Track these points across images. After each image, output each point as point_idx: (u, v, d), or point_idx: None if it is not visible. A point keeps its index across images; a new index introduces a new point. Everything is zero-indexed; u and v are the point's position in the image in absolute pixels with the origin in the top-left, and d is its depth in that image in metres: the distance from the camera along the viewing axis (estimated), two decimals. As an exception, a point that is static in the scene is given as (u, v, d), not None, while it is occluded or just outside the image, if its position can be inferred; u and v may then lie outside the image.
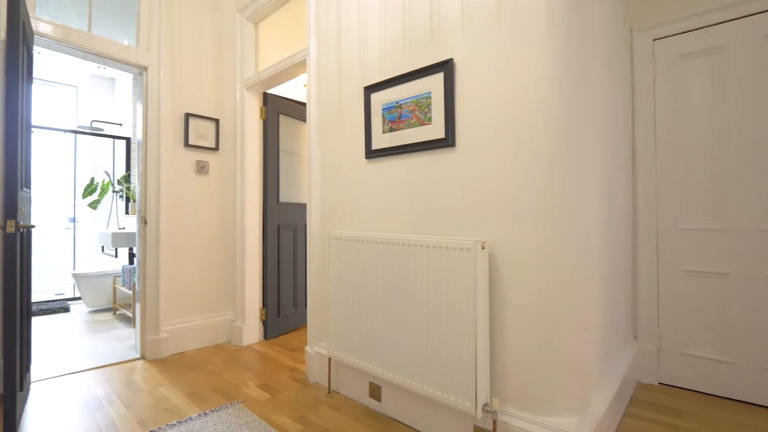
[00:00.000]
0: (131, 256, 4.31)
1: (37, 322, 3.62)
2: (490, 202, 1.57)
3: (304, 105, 3.50)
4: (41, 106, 5.03)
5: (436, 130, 1.73)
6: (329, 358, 2.16)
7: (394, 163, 1.93)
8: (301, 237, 3.48)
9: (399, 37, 1.91)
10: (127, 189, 4.75)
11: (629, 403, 2.04)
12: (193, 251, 2.98)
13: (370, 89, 2.02)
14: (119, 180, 4.91)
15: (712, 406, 2.02)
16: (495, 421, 1.46)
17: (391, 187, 1.94)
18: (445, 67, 1.69)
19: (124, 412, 1.95)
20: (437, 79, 1.73)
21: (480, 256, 1.48)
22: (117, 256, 4.97)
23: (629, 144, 2.32)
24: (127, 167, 5.01)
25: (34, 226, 1.96)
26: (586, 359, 1.46)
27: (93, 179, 4.84)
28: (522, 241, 1.48)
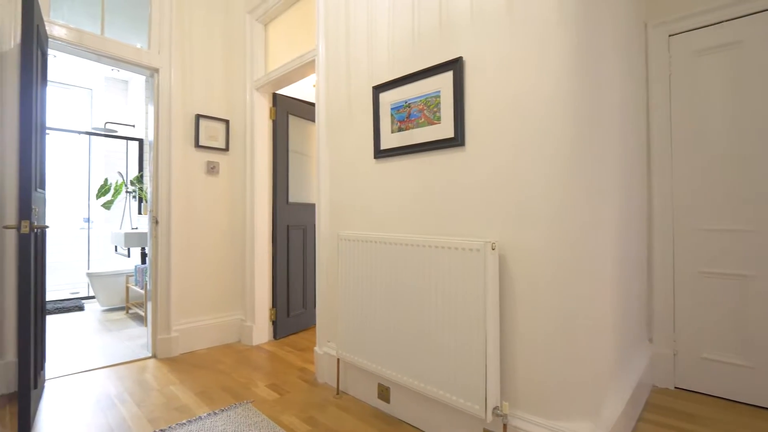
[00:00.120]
0: (143, 255, 4.37)
1: (52, 320, 3.69)
2: (500, 202, 1.54)
3: (313, 105, 3.50)
4: (57, 109, 5.14)
5: (446, 130, 1.71)
6: (338, 359, 2.16)
7: (402, 163, 1.91)
8: (311, 237, 3.48)
9: (408, 34, 1.89)
10: (140, 189, 4.82)
11: (644, 408, 1.99)
12: (204, 251, 3.00)
13: (378, 89, 2.00)
14: (132, 181, 4.98)
15: (731, 411, 1.96)
16: (505, 425, 1.44)
17: (399, 187, 1.93)
18: (455, 65, 1.67)
19: (136, 411, 1.98)
20: (446, 78, 1.71)
21: (490, 257, 1.46)
22: (129, 256, 5.05)
23: (644, 142, 2.26)
24: (140, 168, 5.08)
25: (48, 227, 2.00)
26: (599, 362, 1.42)
27: (107, 180, 4.92)
28: (533, 242, 1.45)
